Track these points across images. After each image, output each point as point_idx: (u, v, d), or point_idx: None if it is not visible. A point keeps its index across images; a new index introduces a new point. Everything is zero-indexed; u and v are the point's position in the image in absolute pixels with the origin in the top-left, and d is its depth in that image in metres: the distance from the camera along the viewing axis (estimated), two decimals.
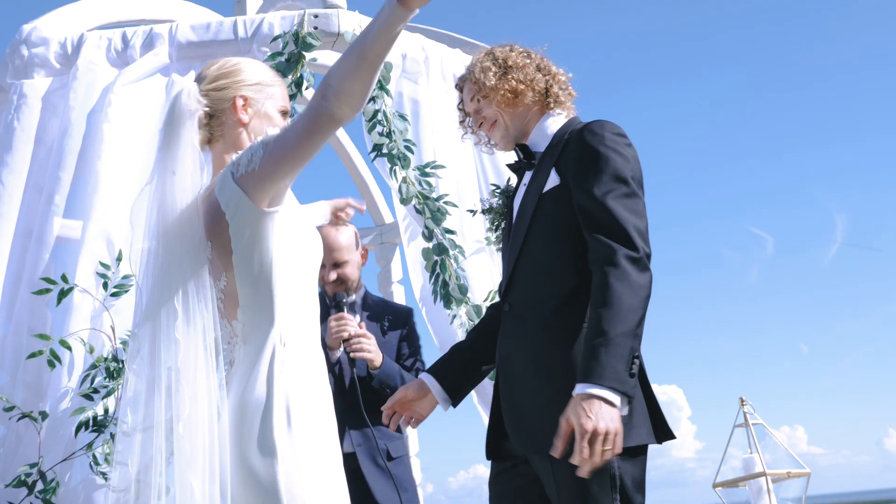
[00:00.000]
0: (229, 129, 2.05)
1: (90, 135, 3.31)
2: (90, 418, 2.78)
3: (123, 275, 3.06)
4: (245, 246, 1.89)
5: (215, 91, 2.04)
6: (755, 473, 5.74)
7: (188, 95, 1.98)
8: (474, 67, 2.43)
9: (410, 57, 3.80)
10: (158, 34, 3.55)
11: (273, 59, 3.42)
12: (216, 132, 2.05)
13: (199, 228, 1.91)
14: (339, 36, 3.57)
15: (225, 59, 2.12)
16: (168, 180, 1.91)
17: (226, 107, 2.04)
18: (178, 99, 1.97)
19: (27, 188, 3.38)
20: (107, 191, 3.18)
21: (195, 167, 1.94)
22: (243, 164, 1.87)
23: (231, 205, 1.88)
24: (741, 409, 5.89)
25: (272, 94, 2.10)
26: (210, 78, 2.06)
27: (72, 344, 2.89)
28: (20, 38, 3.58)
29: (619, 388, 1.93)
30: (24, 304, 3.13)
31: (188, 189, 1.92)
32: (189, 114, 1.96)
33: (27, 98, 3.49)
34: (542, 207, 2.22)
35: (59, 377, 2.91)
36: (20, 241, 3.29)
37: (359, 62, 1.79)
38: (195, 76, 2.11)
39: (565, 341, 2.11)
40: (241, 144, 2.03)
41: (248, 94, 2.06)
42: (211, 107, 2.03)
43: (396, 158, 3.46)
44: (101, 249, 3.08)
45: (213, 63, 2.10)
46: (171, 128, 1.94)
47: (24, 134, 3.45)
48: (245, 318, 1.93)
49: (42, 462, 2.79)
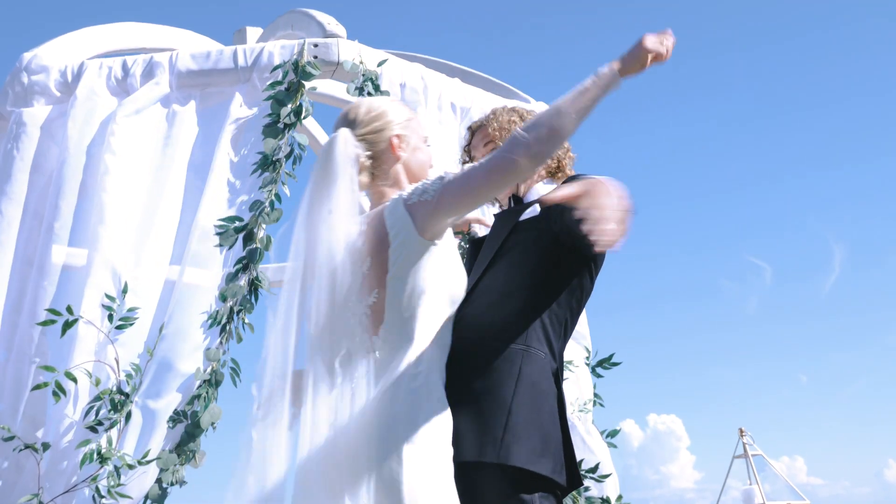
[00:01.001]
0: (388, 165, 2.18)
1: (92, 166, 3.30)
2: (95, 451, 2.76)
3: (129, 307, 3.05)
4: (400, 269, 2.01)
5: (372, 134, 2.17)
6: None
7: (346, 142, 2.11)
8: (498, 117, 2.48)
9: (410, 86, 3.83)
10: (158, 63, 3.55)
11: (272, 88, 3.43)
12: (377, 171, 2.18)
13: (359, 250, 2.04)
14: (338, 65, 3.59)
15: (367, 102, 2.23)
16: (324, 217, 2.03)
17: (384, 147, 2.17)
18: (335, 145, 2.09)
19: (26, 216, 3.37)
20: (112, 222, 3.18)
21: (353, 206, 2.06)
22: (416, 194, 2.02)
23: (396, 228, 2.01)
24: (740, 439, 5.91)
25: (416, 128, 2.24)
26: (363, 123, 2.18)
27: (76, 376, 2.88)
28: (20, 66, 3.58)
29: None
30: (24, 334, 3.11)
31: (343, 226, 2.03)
32: (349, 159, 2.08)
33: (26, 126, 3.48)
34: (515, 232, 2.25)
35: (60, 408, 2.89)
36: (19, 270, 3.28)
37: (554, 136, 1.91)
38: (343, 120, 2.20)
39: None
40: (398, 177, 2.18)
41: (400, 132, 2.20)
42: (371, 150, 2.16)
43: None
44: (105, 281, 3.07)
45: (357, 107, 2.22)
46: (328, 171, 2.06)
47: (22, 163, 3.44)
48: (386, 335, 2.02)
49: (42, 493, 2.76)
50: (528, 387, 2.06)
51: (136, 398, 2.94)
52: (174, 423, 2.96)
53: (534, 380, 2.07)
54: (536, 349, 2.11)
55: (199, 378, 3.01)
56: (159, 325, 3.08)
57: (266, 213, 3.24)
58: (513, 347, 2.09)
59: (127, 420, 2.89)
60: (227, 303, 3.13)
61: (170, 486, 2.93)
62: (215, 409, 3.00)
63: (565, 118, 1.91)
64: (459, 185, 1.96)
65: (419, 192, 2.01)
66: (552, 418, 2.09)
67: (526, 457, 1.98)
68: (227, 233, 3.19)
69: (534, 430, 2.02)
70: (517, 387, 2.05)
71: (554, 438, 2.07)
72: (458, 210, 1.99)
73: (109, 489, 2.74)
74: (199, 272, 3.17)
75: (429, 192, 1.99)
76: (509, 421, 2.00)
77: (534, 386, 2.07)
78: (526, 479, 1.99)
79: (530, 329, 2.12)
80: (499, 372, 2.06)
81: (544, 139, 1.90)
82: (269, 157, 3.33)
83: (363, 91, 3.58)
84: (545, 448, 2.03)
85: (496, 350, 2.09)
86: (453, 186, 1.97)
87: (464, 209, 1.99)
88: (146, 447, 2.91)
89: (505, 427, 1.99)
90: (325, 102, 4.24)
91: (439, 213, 1.98)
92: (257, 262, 3.18)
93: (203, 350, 3.07)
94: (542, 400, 2.08)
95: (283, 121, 3.38)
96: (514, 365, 2.07)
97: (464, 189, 1.96)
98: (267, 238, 3.24)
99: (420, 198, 2.00)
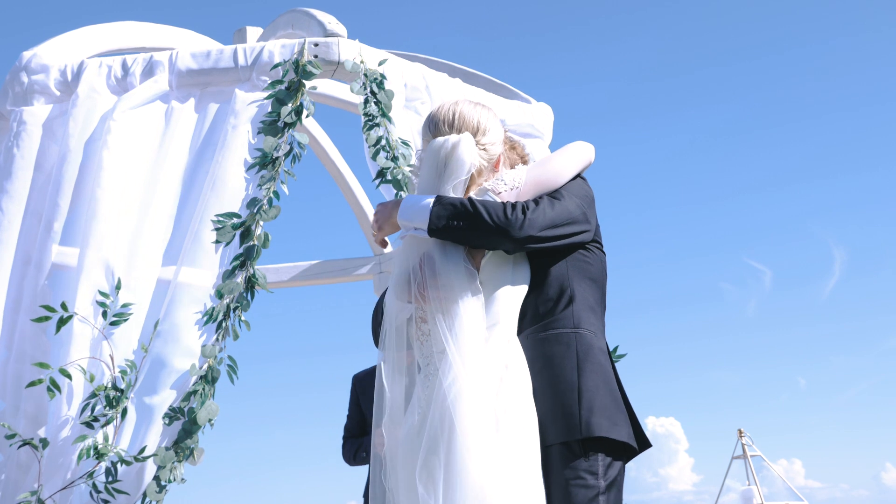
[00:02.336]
0: (482, 179, 2.25)
1: (89, 162, 3.30)
2: (91, 447, 2.75)
3: (123, 303, 3.04)
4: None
5: (492, 147, 2.23)
6: None
7: (469, 149, 2.17)
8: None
9: (411, 85, 3.83)
10: (159, 62, 3.55)
11: (273, 87, 3.43)
12: (474, 182, 2.23)
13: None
14: (339, 64, 3.59)
15: (479, 111, 2.26)
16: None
17: (493, 162, 2.25)
18: (458, 148, 2.15)
19: (26, 215, 3.37)
20: (106, 218, 3.17)
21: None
22: (504, 186, 2.20)
23: None
24: (739, 440, 5.89)
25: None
26: (483, 131, 2.22)
27: (71, 372, 2.87)
28: (20, 65, 3.57)
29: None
30: (24, 332, 3.10)
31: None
32: (466, 166, 2.16)
33: (27, 125, 3.48)
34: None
35: (58, 405, 2.89)
36: (19, 268, 3.27)
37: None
38: (451, 120, 2.23)
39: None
40: (472, 185, 2.24)
41: (504, 150, 2.30)
42: (487, 161, 2.23)
43: (403, 184, 3.47)
44: (99, 277, 3.06)
45: (478, 111, 2.25)
46: (443, 169, 2.15)
47: (23, 161, 3.43)
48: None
49: (41, 490, 2.75)
50: (590, 364, 2.16)
51: (132, 394, 2.93)
52: (170, 420, 2.95)
53: (592, 356, 2.18)
54: (585, 329, 2.20)
55: (195, 374, 3.00)
56: (154, 322, 3.07)
57: (264, 210, 3.23)
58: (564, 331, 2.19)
59: (123, 416, 2.88)
60: (223, 299, 3.12)
61: (168, 484, 2.92)
62: (212, 406, 2.98)
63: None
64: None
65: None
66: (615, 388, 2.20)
67: (607, 427, 2.09)
68: (225, 229, 3.18)
69: (606, 402, 2.13)
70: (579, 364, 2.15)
71: (621, 407, 2.18)
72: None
73: (106, 485, 2.73)
74: (195, 270, 3.17)
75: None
76: (581, 397, 2.10)
77: (593, 362, 2.17)
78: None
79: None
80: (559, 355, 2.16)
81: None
82: (269, 155, 3.32)
83: (366, 90, 3.57)
84: (618, 416, 2.15)
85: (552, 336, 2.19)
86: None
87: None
88: (142, 443, 2.90)
89: (579, 404, 2.09)
90: (324, 103, 4.24)
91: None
92: (254, 260, 3.17)
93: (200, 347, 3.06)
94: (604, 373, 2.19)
95: (283, 119, 3.38)
96: (571, 347, 2.16)
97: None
98: (265, 235, 3.24)
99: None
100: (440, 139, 2.19)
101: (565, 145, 2.38)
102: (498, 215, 2.12)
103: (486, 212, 2.12)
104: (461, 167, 2.15)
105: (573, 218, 2.23)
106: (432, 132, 2.24)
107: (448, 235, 2.14)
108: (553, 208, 2.20)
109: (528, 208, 2.16)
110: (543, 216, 2.17)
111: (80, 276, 3.06)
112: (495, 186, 2.22)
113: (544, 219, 2.17)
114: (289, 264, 5.11)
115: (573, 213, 2.24)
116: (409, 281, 2.12)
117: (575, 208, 2.25)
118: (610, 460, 2.09)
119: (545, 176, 2.25)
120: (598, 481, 2.06)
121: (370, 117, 3.56)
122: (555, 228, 2.19)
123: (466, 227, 2.12)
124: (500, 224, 2.12)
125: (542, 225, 2.17)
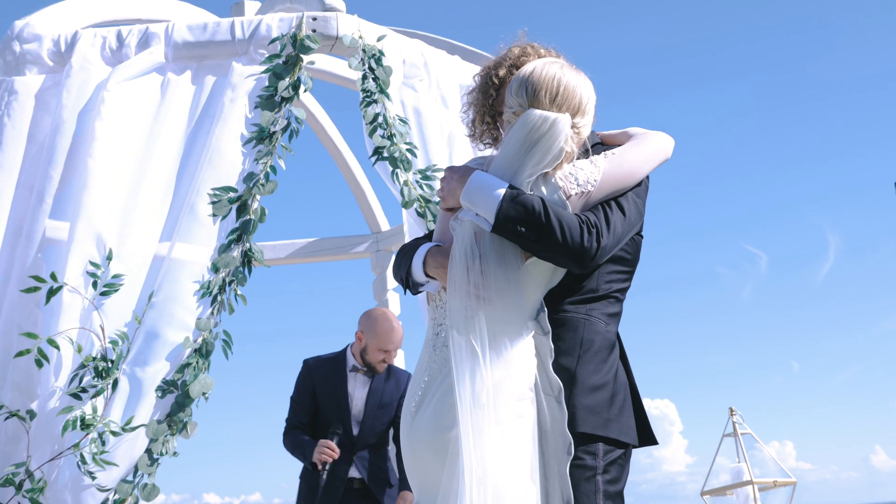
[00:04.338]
0: (566, 161, 2.04)
1: (82, 132, 3.26)
2: (78, 418, 2.73)
3: (113, 274, 3.02)
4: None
5: (584, 129, 2.05)
6: (743, 482, 5.78)
7: (565, 136, 1.97)
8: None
9: (410, 62, 3.79)
10: (154, 33, 3.50)
11: (270, 62, 3.39)
12: (559, 164, 2.04)
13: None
14: (337, 39, 3.55)
15: (588, 83, 2.06)
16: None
17: (576, 145, 2.04)
18: (556, 133, 1.96)
19: (18, 186, 3.33)
20: (98, 189, 3.13)
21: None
22: (575, 187, 2.01)
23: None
24: (730, 418, 5.93)
25: None
26: (583, 111, 2.03)
27: (60, 343, 2.84)
28: (12, 34, 3.52)
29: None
30: (13, 303, 3.07)
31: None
32: (557, 154, 1.97)
33: (18, 95, 3.42)
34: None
35: (48, 376, 2.86)
36: (10, 240, 3.23)
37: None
38: (551, 92, 2.01)
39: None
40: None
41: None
42: (576, 146, 2.03)
43: (399, 161, 3.44)
44: (90, 248, 3.03)
45: (581, 83, 2.04)
46: (532, 147, 1.97)
47: (14, 131, 3.39)
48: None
49: (30, 461, 2.74)
50: (591, 353, 2.09)
51: (124, 366, 2.91)
52: (163, 393, 2.93)
53: (595, 345, 2.10)
54: (596, 318, 2.13)
55: (189, 347, 2.97)
56: (148, 294, 3.04)
57: (261, 184, 3.20)
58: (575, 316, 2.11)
59: (114, 388, 2.86)
60: (219, 273, 3.09)
61: (161, 457, 2.91)
62: (206, 379, 2.96)
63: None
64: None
65: (580, 184, 2.04)
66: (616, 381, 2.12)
67: (596, 424, 2.02)
68: (221, 202, 3.15)
69: (601, 397, 2.06)
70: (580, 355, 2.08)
71: (619, 401, 2.09)
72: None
73: (94, 456, 2.72)
74: (191, 246, 3.14)
75: (587, 186, 2.04)
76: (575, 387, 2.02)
77: (595, 351, 2.09)
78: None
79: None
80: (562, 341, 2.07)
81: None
82: (266, 130, 3.29)
83: (364, 65, 3.53)
84: (613, 412, 2.07)
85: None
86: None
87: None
88: (133, 415, 2.88)
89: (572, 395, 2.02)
90: (322, 78, 4.19)
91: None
92: (251, 234, 3.14)
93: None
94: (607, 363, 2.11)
95: (280, 94, 3.34)
96: (577, 332, 2.08)
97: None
98: (261, 209, 3.21)
99: (578, 190, 2.04)
100: (538, 114, 1.97)
101: (645, 133, 2.20)
102: (573, 238, 1.94)
103: (559, 230, 1.94)
104: (550, 154, 1.97)
105: (635, 226, 2.13)
106: (529, 99, 2.00)
107: (512, 238, 1.96)
108: (623, 224, 2.06)
109: (603, 235, 1.99)
110: (615, 239, 2.04)
111: (70, 247, 3.03)
112: (567, 186, 2.03)
113: (615, 242, 2.04)
114: (285, 241, 5.08)
115: (636, 223, 2.13)
116: (467, 273, 1.95)
117: (637, 216, 2.13)
118: (612, 447, 2.08)
119: (621, 180, 2.07)
120: (597, 461, 2.04)
121: (368, 93, 3.52)
122: (619, 244, 2.08)
123: (534, 238, 1.94)
124: (574, 249, 1.95)
125: (612, 249, 2.05)
